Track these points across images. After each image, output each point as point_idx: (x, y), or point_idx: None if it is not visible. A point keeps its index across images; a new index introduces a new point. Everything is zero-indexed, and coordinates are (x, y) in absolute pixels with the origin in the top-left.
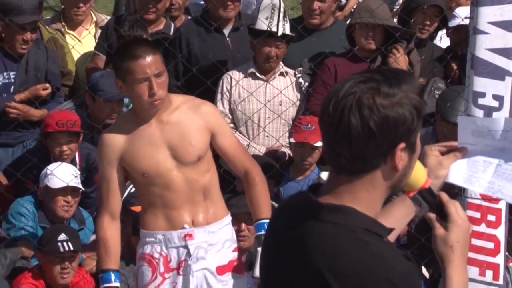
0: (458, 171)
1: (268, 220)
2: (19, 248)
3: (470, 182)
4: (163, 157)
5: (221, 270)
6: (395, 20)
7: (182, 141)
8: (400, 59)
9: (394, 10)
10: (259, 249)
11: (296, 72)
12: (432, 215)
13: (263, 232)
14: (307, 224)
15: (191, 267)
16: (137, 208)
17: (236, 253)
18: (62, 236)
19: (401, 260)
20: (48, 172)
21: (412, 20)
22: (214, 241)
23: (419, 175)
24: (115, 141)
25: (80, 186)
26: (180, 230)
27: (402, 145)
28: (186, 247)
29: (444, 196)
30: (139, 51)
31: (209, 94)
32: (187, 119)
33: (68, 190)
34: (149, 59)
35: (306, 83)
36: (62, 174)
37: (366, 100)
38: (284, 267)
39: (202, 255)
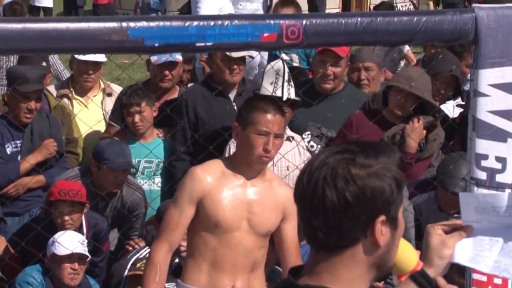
0: (463, 250)
1: None
2: None
3: (476, 261)
4: (241, 217)
5: None
6: None
7: (262, 211)
8: (415, 130)
9: (397, 71)
10: None
11: (304, 136)
12: None
13: None
14: None
15: None
16: None
17: None
18: None
19: None
20: (55, 240)
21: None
22: None
23: (408, 257)
24: (204, 180)
25: (87, 253)
26: None
27: (382, 217)
28: None
29: (441, 281)
30: (270, 107)
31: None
32: (272, 195)
33: (74, 258)
34: (276, 117)
35: (319, 146)
36: (69, 242)
37: (341, 170)
38: None
39: None
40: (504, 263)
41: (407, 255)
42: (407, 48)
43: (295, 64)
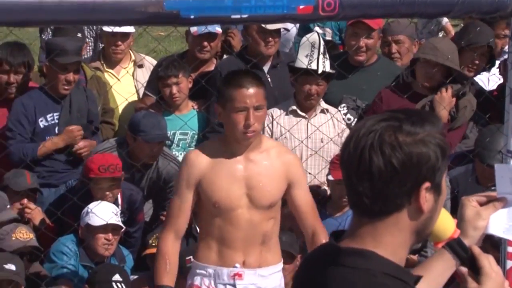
0: (497, 222)
1: None
2: (59, 287)
3: (510, 232)
4: (239, 194)
5: None
6: None
7: (261, 184)
8: (444, 99)
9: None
10: None
11: (340, 109)
12: (464, 269)
13: None
14: (327, 270)
15: None
16: None
17: None
18: (117, 277)
19: None
20: (89, 210)
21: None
22: (263, 286)
23: (446, 224)
24: (198, 163)
25: (120, 223)
26: (231, 269)
27: (427, 184)
28: (234, 285)
29: (476, 249)
30: (244, 81)
31: None
32: (271, 164)
33: (108, 228)
34: (252, 90)
35: (355, 119)
36: (103, 212)
37: (387, 137)
38: None
39: None
40: None
41: (444, 222)
42: (445, 20)
43: (328, 38)
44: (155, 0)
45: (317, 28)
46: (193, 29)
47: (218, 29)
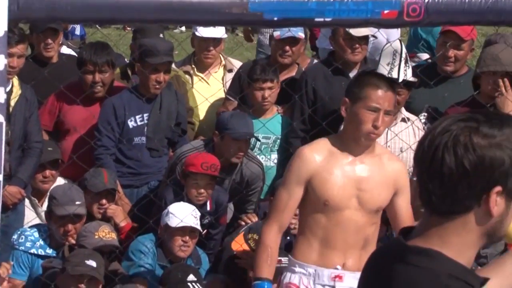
0: None
1: None
2: (134, 285)
3: None
4: (349, 194)
5: None
6: None
7: (372, 188)
8: (509, 95)
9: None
10: None
11: (421, 118)
12: None
13: None
14: (392, 267)
15: None
16: None
17: None
18: (191, 277)
19: None
20: (169, 211)
21: None
22: None
23: None
24: (311, 160)
25: (198, 227)
26: (332, 270)
27: (498, 188)
28: (333, 287)
29: None
30: (382, 83)
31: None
32: (383, 170)
33: (186, 230)
34: (388, 94)
35: None
36: (182, 214)
37: (462, 138)
38: None
39: None
40: None
41: None
42: None
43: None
44: (239, 1)
45: None
46: (276, 33)
47: (300, 34)
